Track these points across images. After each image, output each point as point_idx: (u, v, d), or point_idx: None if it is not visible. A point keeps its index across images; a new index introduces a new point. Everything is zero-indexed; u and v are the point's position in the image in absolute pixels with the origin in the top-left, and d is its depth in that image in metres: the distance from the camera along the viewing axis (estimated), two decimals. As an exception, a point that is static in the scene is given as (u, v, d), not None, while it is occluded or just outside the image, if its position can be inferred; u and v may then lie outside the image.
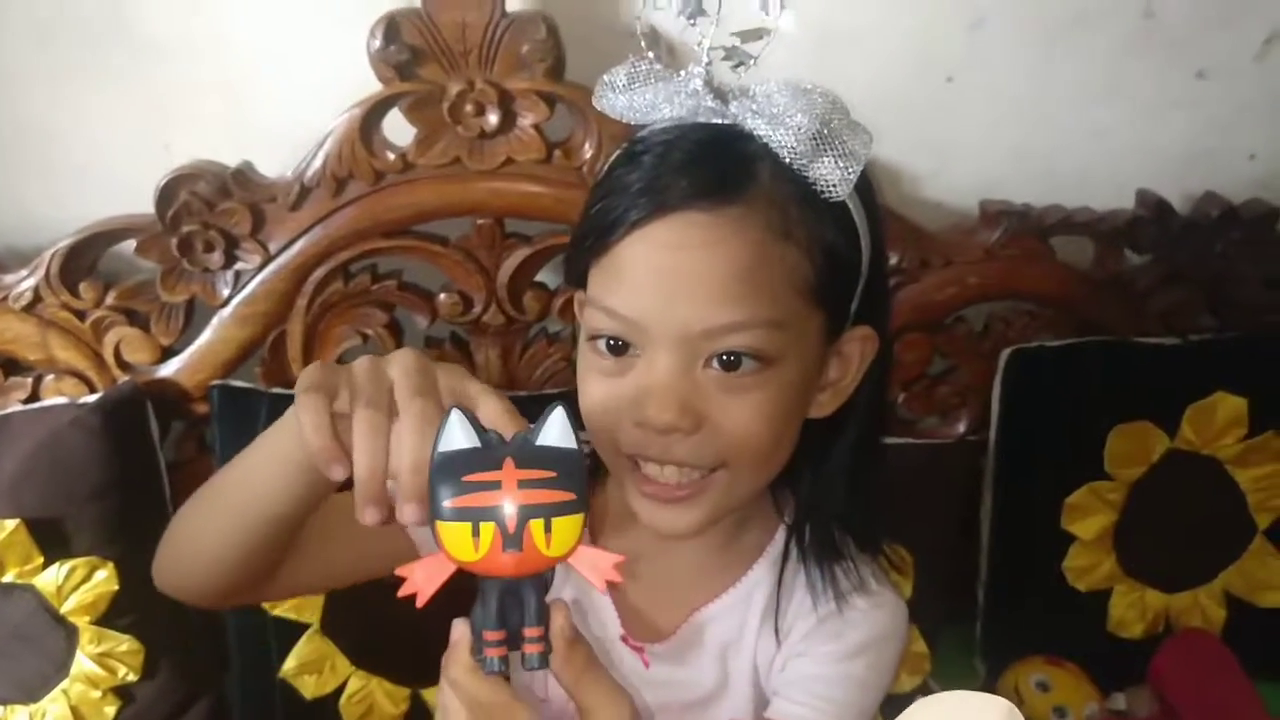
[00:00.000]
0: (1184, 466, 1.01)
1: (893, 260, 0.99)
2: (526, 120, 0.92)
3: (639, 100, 0.57)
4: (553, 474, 0.43)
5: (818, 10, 0.98)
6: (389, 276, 0.98)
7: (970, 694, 0.48)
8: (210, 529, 0.57)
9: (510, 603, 0.46)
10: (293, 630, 0.93)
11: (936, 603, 1.00)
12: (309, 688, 0.95)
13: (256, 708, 0.97)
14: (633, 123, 0.59)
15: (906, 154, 1.04)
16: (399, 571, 0.44)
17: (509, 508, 0.42)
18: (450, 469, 0.43)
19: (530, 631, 0.46)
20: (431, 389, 0.46)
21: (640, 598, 0.67)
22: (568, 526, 0.44)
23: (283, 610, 0.92)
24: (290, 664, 0.94)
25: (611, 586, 0.46)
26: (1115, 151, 1.05)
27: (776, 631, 0.65)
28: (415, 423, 0.45)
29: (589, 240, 0.57)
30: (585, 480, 0.44)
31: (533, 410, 0.44)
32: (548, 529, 0.43)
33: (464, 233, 0.97)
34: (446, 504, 0.43)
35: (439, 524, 0.43)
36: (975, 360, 1.03)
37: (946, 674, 1.01)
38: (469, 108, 0.90)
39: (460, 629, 0.47)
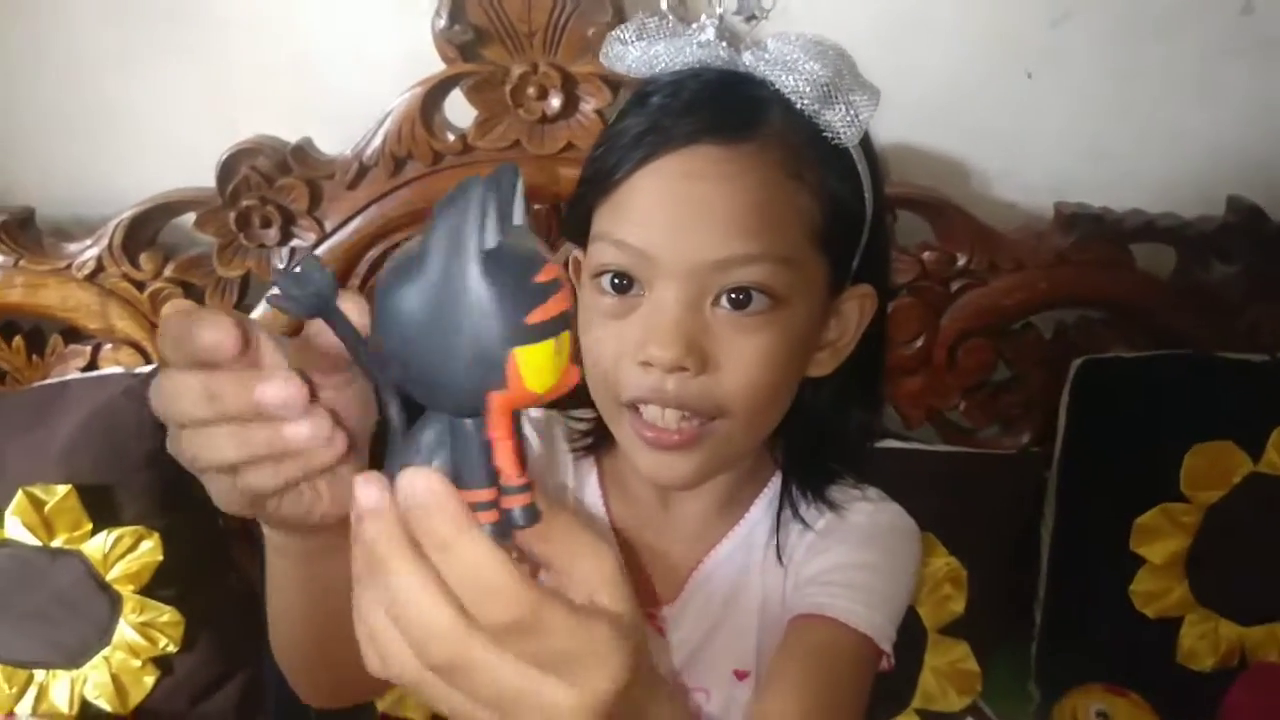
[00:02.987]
0: (1266, 491, 0.95)
1: (959, 261, 0.96)
2: (589, 105, 0.90)
3: (650, 52, 0.57)
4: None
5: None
6: (443, 259, 0.98)
7: None
8: (286, 637, 0.56)
9: (463, 455, 0.33)
10: (332, 610, 0.93)
11: (990, 620, 0.96)
12: (345, 669, 0.94)
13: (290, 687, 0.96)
14: (643, 75, 0.58)
15: (979, 149, 1.01)
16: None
17: (570, 312, 0.32)
18: (512, 271, 0.31)
19: (516, 479, 0.33)
20: None
21: (648, 563, 0.66)
22: None
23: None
24: (328, 644, 0.94)
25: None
26: (1204, 155, 1.01)
27: (779, 555, 0.64)
28: None
29: (593, 182, 0.57)
30: None
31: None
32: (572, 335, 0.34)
33: (520, 217, 0.96)
34: (531, 321, 0.31)
35: (520, 351, 0.31)
36: (1042, 369, 0.99)
37: (998, 696, 0.98)
38: (531, 90, 0.89)
39: (429, 476, 0.32)
